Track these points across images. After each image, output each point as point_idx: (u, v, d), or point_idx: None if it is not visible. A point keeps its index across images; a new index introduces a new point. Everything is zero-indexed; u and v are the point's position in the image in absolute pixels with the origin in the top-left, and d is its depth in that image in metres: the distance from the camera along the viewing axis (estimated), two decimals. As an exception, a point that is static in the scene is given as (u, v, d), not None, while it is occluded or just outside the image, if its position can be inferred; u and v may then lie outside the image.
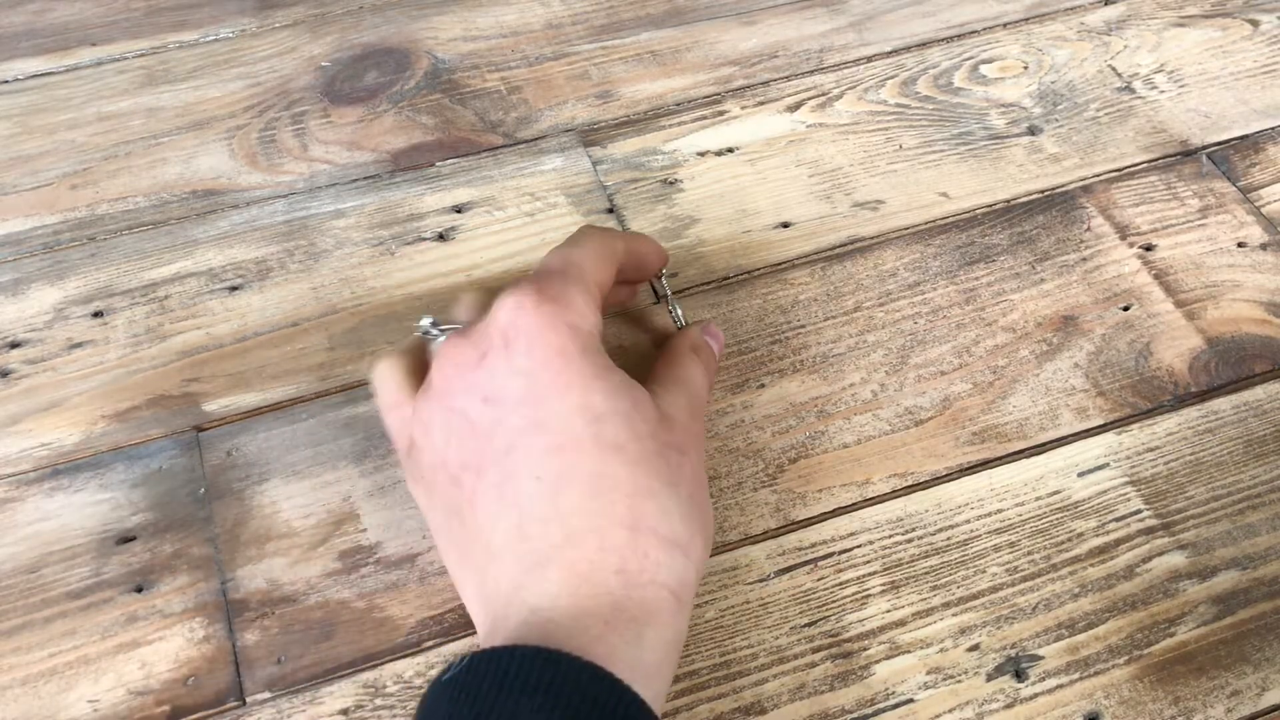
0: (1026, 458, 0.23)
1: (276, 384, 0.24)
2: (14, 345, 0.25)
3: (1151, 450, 0.23)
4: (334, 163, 0.29)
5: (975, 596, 0.21)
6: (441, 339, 0.19)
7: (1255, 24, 0.33)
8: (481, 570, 0.16)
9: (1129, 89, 0.31)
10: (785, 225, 0.27)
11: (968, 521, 0.22)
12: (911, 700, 0.20)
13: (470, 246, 0.27)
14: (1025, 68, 0.31)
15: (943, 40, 0.32)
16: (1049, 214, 0.28)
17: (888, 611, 0.21)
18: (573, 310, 0.17)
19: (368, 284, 0.26)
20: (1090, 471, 0.23)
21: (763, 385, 0.24)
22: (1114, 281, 0.26)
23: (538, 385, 0.16)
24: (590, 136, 0.29)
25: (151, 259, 0.27)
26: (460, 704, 0.11)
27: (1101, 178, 0.28)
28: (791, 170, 0.28)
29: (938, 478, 0.22)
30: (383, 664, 0.20)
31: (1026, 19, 0.33)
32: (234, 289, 0.26)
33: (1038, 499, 0.22)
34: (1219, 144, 0.29)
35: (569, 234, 0.21)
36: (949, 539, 0.22)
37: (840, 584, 0.21)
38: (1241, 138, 0.29)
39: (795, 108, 0.30)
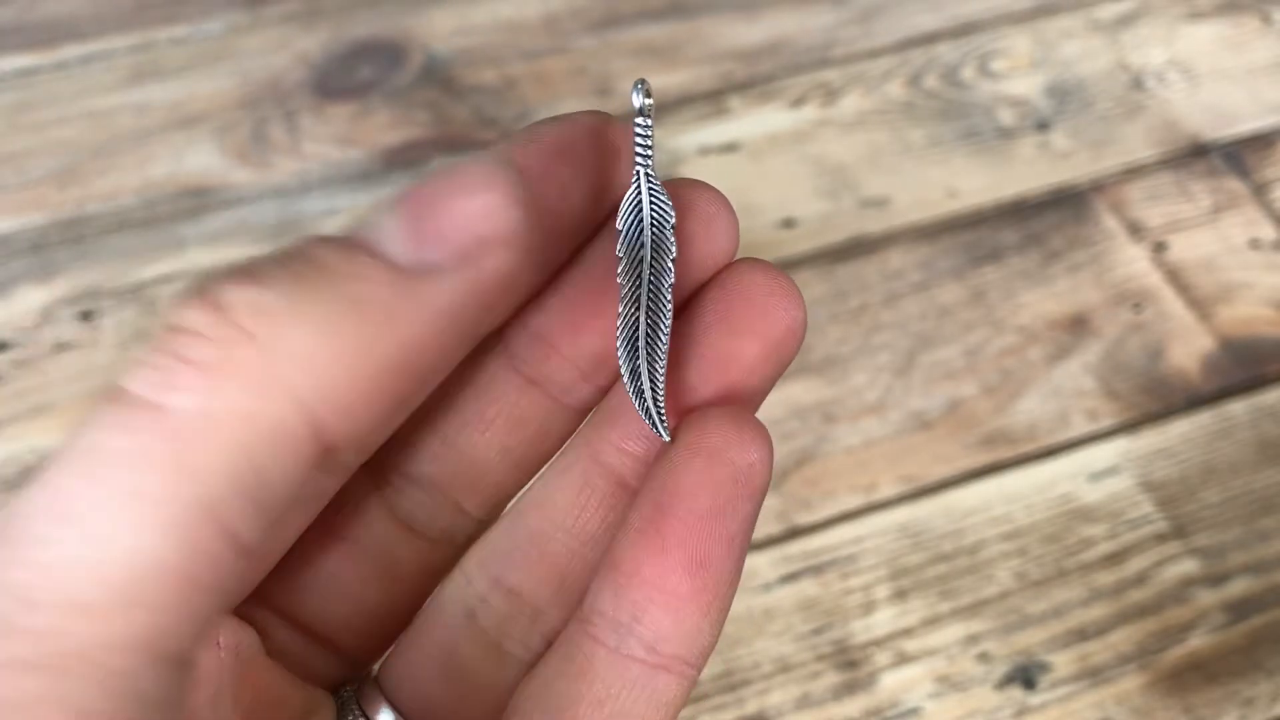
0: (1036, 461, 0.22)
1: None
2: (1, 348, 0.24)
3: (1163, 453, 0.23)
4: (326, 160, 0.28)
5: (983, 604, 0.20)
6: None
7: (1268, 18, 0.32)
8: None
9: (1140, 84, 0.30)
10: (789, 223, 0.27)
11: (976, 527, 0.21)
12: (919, 710, 0.19)
13: (467, 245, 0.26)
14: (1034, 63, 0.30)
15: (950, 34, 0.31)
16: (1059, 212, 0.27)
17: (895, 619, 0.20)
18: None
19: (362, 284, 0.26)
20: (1101, 475, 0.22)
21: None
22: (1125, 281, 0.26)
23: None
24: (589, 132, 0.29)
25: (140, 259, 0.26)
26: None
27: (1112, 175, 0.28)
28: (795, 167, 0.28)
29: (945, 482, 0.22)
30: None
31: (1035, 13, 0.32)
32: (225, 289, 0.26)
33: (1047, 504, 0.22)
34: (1231, 140, 0.29)
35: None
36: (957, 545, 0.21)
37: (846, 591, 0.20)
38: (1254, 134, 0.29)
39: (799, 103, 0.29)
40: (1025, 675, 0.20)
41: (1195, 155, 0.28)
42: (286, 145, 0.29)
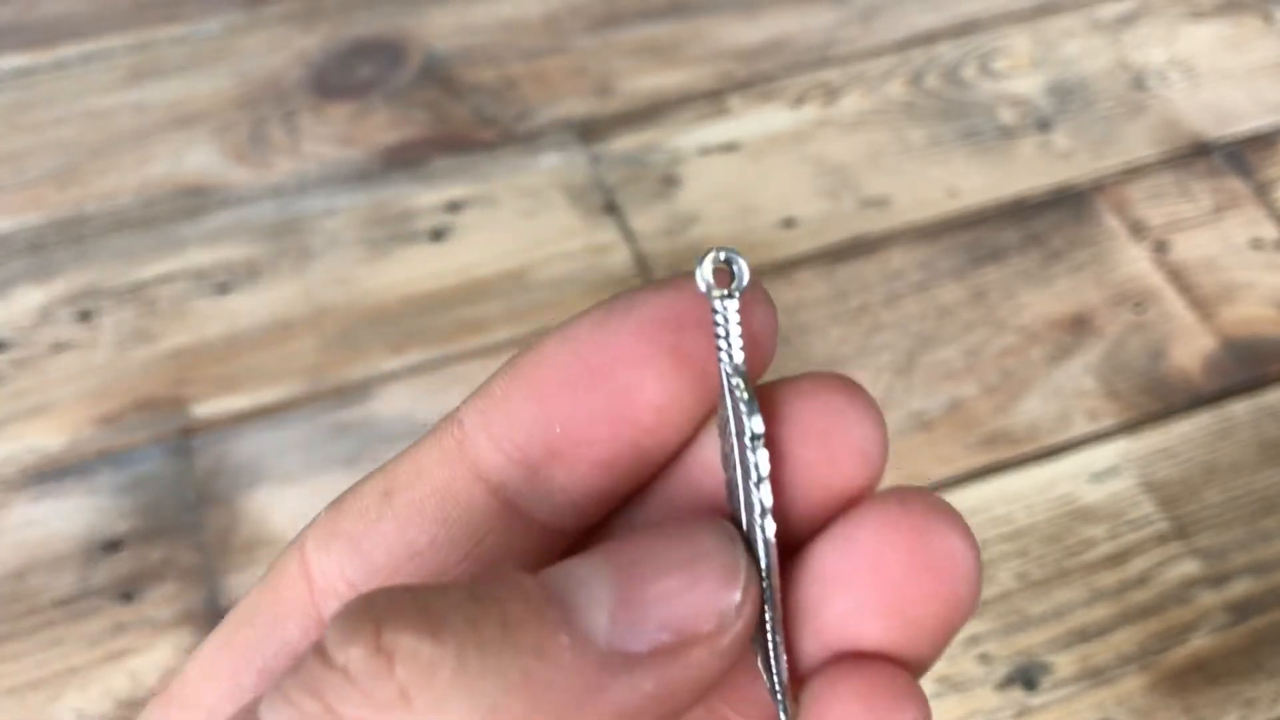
0: (1037, 462, 0.22)
1: (267, 387, 0.24)
2: (-2, 347, 0.24)
3: (1165, 454, 0.22)
4: (325, 159, 0.28)
5: (984, 604, 0.20)
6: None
7: (1269, 17, 0.32)
8: None
9: (1141, 84, 0.30)
10: (789, 223, 0.27)
11: (977, 527, 0.21)
12: (919, 711, 0.19)
13: (465, 246, 0.26)
14: (1035, 62, 0.30)
15: (951, 33, 0.31)
16: (1060, 212, 0.27)
17: (895, 620, 0.20)
18: None
19: (360, 284, 0.26)
20: (1102, 475, 0.22)
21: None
22: (1126, 281, 0.26)
23: None
24: (588, 132, 0.29)
25: (139, 259, 0.26)
26: None
27: (1113, 174, 0.28)
28: (795, 167, 0.28)
29: (946, 482, 0.22)
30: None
31: (1036, 12, 0.32)
32: (223, 289, 0.25)
33: (1048, 504, 0.22)
34: (1233, 140, 0.29)
35: (565, 236, 0.20)
36: (957, 545, 0.21)
37: (846, 592, 0.20)
38: (1256, 133, 0.29)
39: (799, 103, 0.29)
40: (1026, 676, 0.20)
41: (1197, 155, 0.28)
42: (285, 145, 0.29)
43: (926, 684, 0.20)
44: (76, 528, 0.21)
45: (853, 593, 0.06)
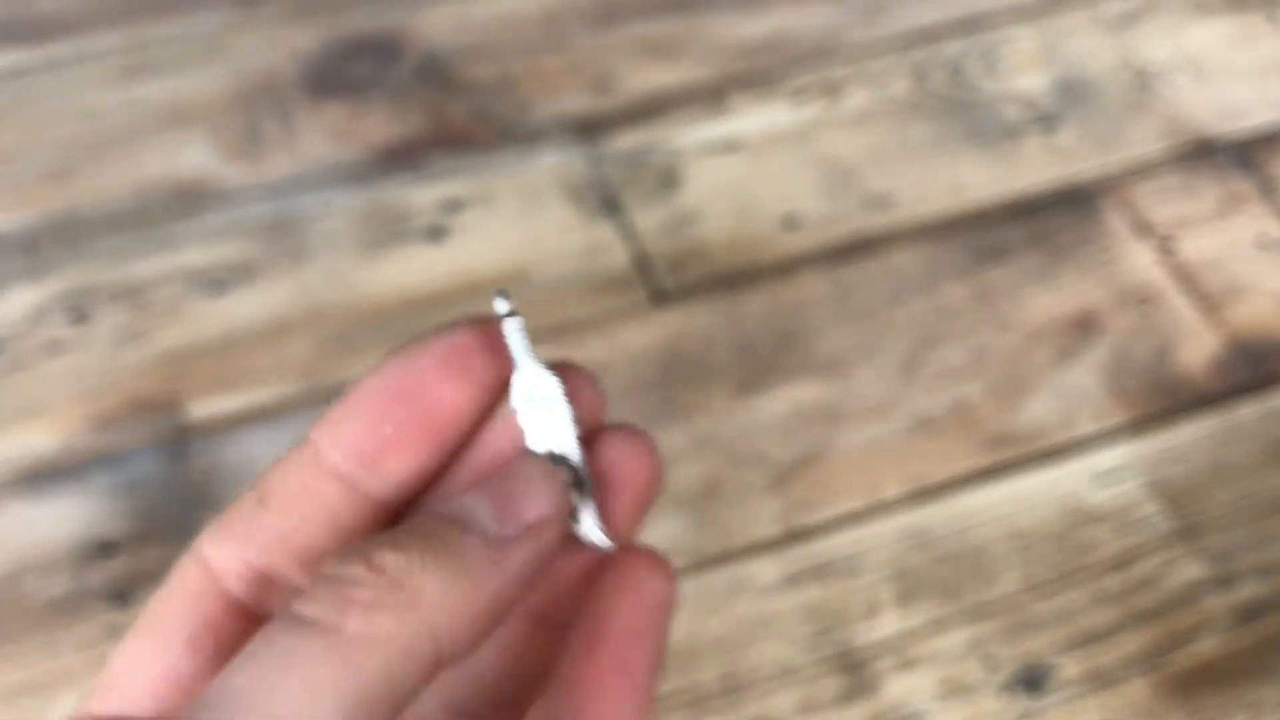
0: (1042, 462, 0.22)
1: (263, 387, 0.23)
2: (-9, 347, 0.24)
3: (1171, 454, 0.22)
4: (322, 158, 0.28)
5: (989, 606, 0.20)
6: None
7: (1273, 16, 0.32)
8: None
9: (1146, 82, 0.30)
10: (791, 222, 0.26)
11: (981, 529, 0.21)
12: (923, 713, 0.19)
13: (463, 244, 0.26)
14: (1040, 59, 0.30)
15: (955, 30, 0.31)
16: (1064, 210, 0.27)
17: (898, 622, 0.20)
18: None
19: (357, 284, 0.25)
20: (1107, 476, 0.22)
21: (768, 389, 0.23)
22: (1131, 280, 0.25)
23: None
24: (588, 130, 0.28)
25: (133, 258, 0.26)
26: None
27: (1118, 172, 0.28)
28: (798, 165, 0.28)
29: (950, 483, 0.22)
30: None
31: (1041, 9, 0.32)
32: (219, 289, 0.25)
33: (1053, 505, 0.21)
34: (1238, 138, 0.28)
35: (564, 236, 0.20)
36: (962, 547, 0.21)
37: (849, 593, 0.20)
38: (1262, 131, 0.29)
39: (802, 100, 0.29)
40: (1031, 679, 0.19)
41: (1202, 153, 0.28)
42: (281, 143, 0.28)
43: (930, 687, 0.20)
44: (70, 529, 0.21)
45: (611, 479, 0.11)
